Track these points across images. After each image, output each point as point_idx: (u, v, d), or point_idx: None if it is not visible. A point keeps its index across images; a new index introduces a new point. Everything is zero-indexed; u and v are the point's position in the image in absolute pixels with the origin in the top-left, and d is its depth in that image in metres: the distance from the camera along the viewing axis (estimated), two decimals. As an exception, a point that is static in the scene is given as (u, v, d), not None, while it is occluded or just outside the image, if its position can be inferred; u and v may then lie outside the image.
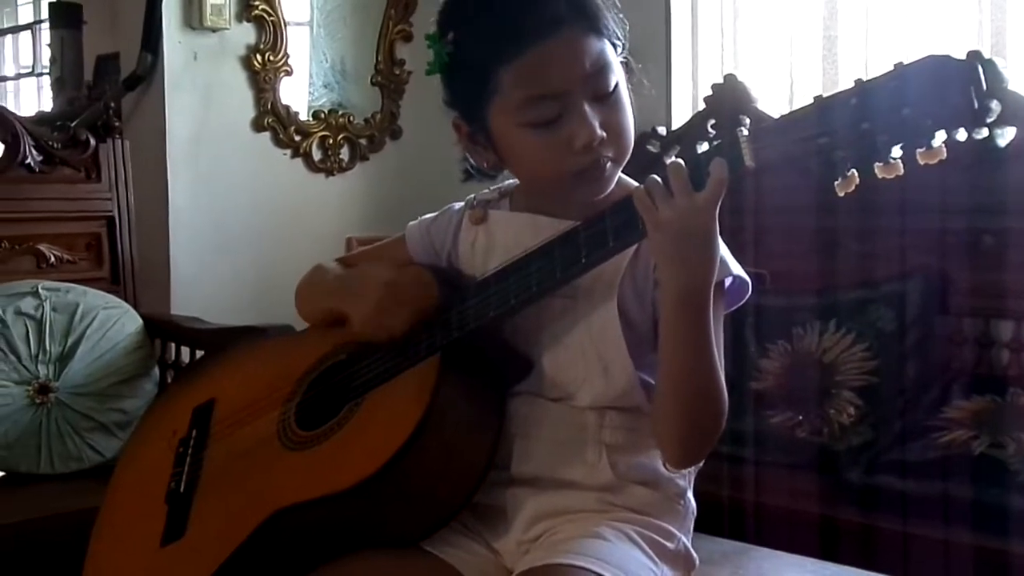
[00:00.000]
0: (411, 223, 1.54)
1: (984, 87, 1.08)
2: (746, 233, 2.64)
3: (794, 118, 1.18)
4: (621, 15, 1.37)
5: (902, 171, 1.13)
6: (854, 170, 1.14)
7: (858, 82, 1.15)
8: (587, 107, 1.30)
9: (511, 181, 1.46)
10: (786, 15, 3.12)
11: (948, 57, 1.09)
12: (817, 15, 3.04)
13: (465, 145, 1.42)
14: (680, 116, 3.23)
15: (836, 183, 1.15)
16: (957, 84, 1.08)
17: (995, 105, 2.46)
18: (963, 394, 2.38)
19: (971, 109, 1.08)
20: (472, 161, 1.43)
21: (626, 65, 1.37)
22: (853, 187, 1.14)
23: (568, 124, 1.29)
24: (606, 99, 1.32)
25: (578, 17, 1.30)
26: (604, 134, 1.30)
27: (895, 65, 1.12)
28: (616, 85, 1.33)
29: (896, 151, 1.12)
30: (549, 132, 1.30)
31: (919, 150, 1.11)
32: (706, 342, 1.25)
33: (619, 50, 1.36)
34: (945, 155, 1.11)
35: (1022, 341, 2.46)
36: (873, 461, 2.31)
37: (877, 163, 1.13)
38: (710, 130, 2.90)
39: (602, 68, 1.31)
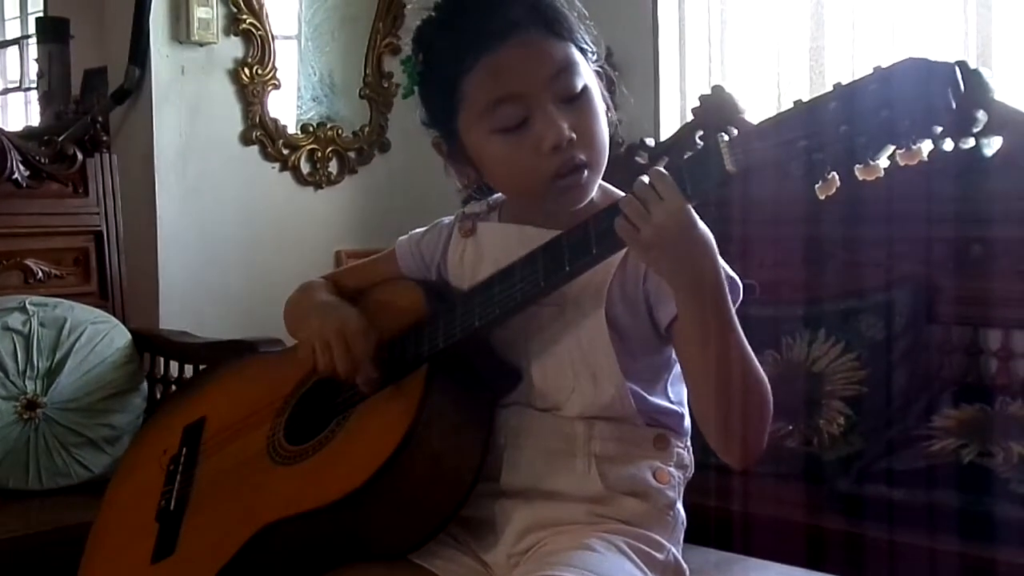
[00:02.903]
0: (401, 238, 1.55)
1: (962, 88, 1.08)
2: (734, 244, 2.64)
3: (774, 122, 1.18)
4: (589, 21, 1.38)
5: (882, 173, 1.13)
6: (834, 173, 1.13)
7: (837, 85, 1.15)
8: (553, 108, 1.30)
9: (501, 194, 1.47)
10: (773, 26, 3.13)
11: (926, 59, 1.09)
12: (804, 26, 3.05)
13: (447, 163, 1.43)
14: (668, 127, 3.24)
15: (816, 186, 1.14)
16: (936, 85, 1.08)
17: (981, 115, 2.49)
18: (951, 403, 2.39)
19: (949, 110, 1.07)
20: (457, 181, 1.44)
21: (602, 75, 1.38)
22: (834, 190, 1.14)
23: (535, 126, 1.30)
24: (573, 101, 1.32)
25: (536, 21, 1.32)
26: (573, 135, 1.30)
27: (874, 68, 1.12)
28: (584, 88, 1.33)
29: (875, 153, 1.11)
30: (518, 136, 1.31)
31: (899, 151, 1.11)
32: (734, 328, 1.25)
33: (589, 57, 1.36)
34: (925, 156, 1.11)
35: (1010, 350, 2.47)
36: (862, 471, 2.31)
37: (857, 165, 1.12)
38: (698, 141, 2.91)
39: (565, 70, 1.32)
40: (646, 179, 1.21)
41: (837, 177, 1.14)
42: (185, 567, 1.40)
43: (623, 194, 1.27)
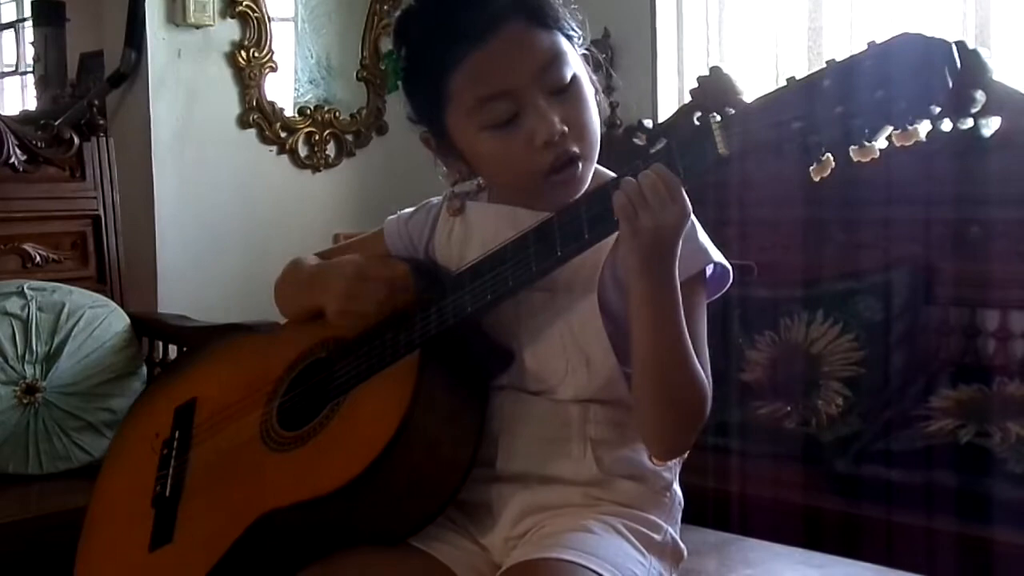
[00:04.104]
0: (390, 217, 1.54)
1: (959, 66, 1.06)
2: (732, 225, 2.65)
3: (767, 103, 1.17)
4: (574, 5, 1.36)
5: (877, 154, 1.11)
6: (829, 154, 1.12)
7: (831, 62, 1.13)
8: (543, 102, 1.28)
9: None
10: (771, 6, 3.13)
11: (922, 35, 1.07)
12: (802, 7, 3.05)
13: (436, 158, 1.42)
14: (666, 109, 3.23)
15: (811, 168, 1.13)
16: (932, 63, 1.06)
17: (979, 95, 2.49)
18: (949, 384, 2.39)
19: (946, 89, 1.06)
20: (447, 173, 1.43)
21: (589, 58, 1.37)
22: (828, 171, 1.13)
23: (526, 121, 1.29)
24: (563, 92, 1.30)
25: (521, 11, 1.29)
26: (565, 128, 1.29)
27: (868, 43, 1.10)
28: (573, 77, 1.31)
29: (871, 134, 1.10)
30: (509, 132, 1.30)
31: (895, 132, 1.09)
32: (679, 332, 1.24)
33: (576, 42, 1.35)
34: (922, 136, 1.10)
35: (1008, 330, 2.48)
36: (860, 451, 2.32)
37: (852, 147, 1.11)
38: (696, 123, 2.90)
39: (553, 61, 1.30)
40: (656, 175, 1.19)
41: (832, 159, 1.12)
42: (183, 556, 1.40)
43: (613, 175, 1.26)
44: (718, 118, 1.17)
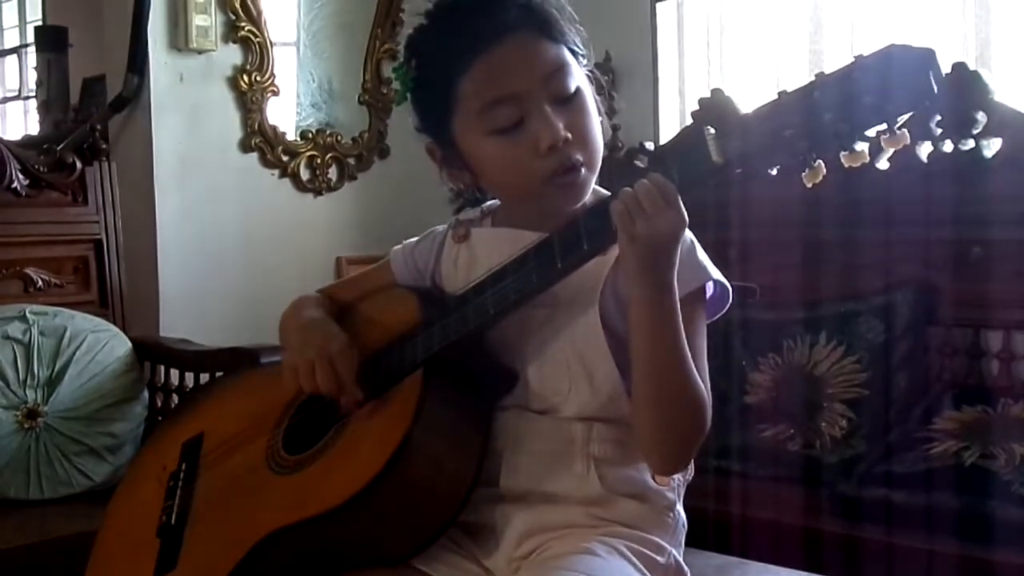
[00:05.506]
0: (395, 248, 1.55)
1: (943, 72, 1.10)
2: (734, 247, 2.65)
3: (760, 114, 1.19)
4: (579, 25, 1.39)
5: (867, 159, 1.15)
6: (820, 161, 1.15)
7: (820, 75, 1.16)
8: (548, 108, 1.31)
9: (494, 201, 1.47)
10: (772, 29, 3.13)
11: (907, 46, 1.11)
12: (803, 29, 3.06)
13: (441, 169, 1.43)
14: (668, 131, 3.24)
15: (803, 174, 1.17)
16: (916, 68, 1.09)
17: (981, 116, 2.49)
18: (952, 405, 2.39)
19: (931, 93, 1.09)
20: (451, 186, 1.44)
21: (592, 79, 1.39)
22: (820, 177, 1.16)
23: (531, 126, 1.31)
24: (567, 102, 1.33)
25: (529, 22, 1.33)
26: (569, 135, 1.31)
27: (856, 56, 1.14)
28: (578, 89, 1.34)
29: (860, 138, 1.13)
30: (514, 137, 1.32)
31: (883, 137, 1.13)
32: (678, 342, 1.25)
33: (580, 59, 1.38)
34: (908, 140, 1.12)
35: (1011, 351, 2.47)
36: (863, 474, 2.31)
37: (842, 152, 1.15)
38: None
39: (559, 71, 1.33)
40: (649, 183, 1.21)
41: (823, 165, 1.15)
42: None
43: (608, 193, 1.27)
44: (712, 129, 1.19)
